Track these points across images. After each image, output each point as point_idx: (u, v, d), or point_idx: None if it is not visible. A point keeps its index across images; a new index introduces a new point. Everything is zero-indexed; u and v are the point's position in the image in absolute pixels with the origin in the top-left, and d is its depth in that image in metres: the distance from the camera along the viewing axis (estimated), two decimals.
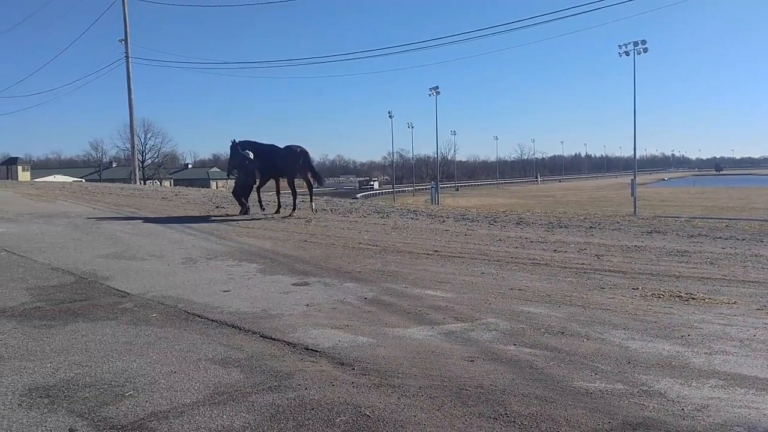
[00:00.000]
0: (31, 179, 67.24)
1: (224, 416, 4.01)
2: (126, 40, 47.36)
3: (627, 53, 68.13)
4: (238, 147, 16.81)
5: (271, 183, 17.76)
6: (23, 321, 6.38)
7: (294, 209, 17.04)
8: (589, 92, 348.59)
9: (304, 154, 16.56)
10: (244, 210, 16.85)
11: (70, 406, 4.20)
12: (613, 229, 14.10)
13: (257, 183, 17.22)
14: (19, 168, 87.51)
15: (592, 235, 13.15)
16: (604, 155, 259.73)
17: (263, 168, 16.91)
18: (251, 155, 16.63)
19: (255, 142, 17.04)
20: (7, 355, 5.28)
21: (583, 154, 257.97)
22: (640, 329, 6.12)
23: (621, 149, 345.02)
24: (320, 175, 17.82)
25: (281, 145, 16.93)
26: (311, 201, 17.41)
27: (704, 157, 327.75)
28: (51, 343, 5.60)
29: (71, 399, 4.31)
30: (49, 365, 5.01)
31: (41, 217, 15.71)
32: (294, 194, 17.32)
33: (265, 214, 16.63)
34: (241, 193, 17.19)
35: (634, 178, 64.00)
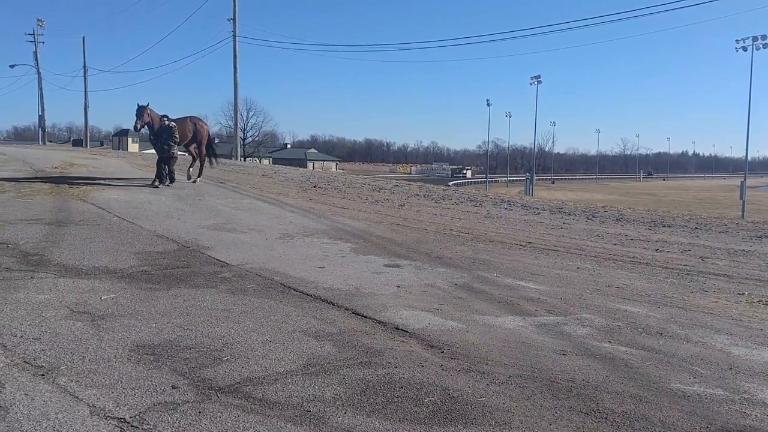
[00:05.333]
0: (139, 150, 70.83)
1: (316, 387, 4.12)
2: (234, 19, 48.74)
3: (744, 48, 63.97)
4: (148, 112, 16.90)
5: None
6: (131, 282, 6.77)
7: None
8: (699, 87, 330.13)
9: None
10: (167, 181, 17.07)
11: (173, 365, 4.42)
12: (719, 231, 13.41)
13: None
14: (129, 140, 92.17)
15: (697, 236, 12.55)
16: (712, 154, 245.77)
17: (179, 140, 17.80)
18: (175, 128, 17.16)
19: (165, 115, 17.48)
20: (118, 313, 5.62)
21: (690, 152, 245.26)
22: (745, 335, 5.82)
23: (731, 149, 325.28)
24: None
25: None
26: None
27: None
28: (156, 305, 5.92)
29: (174, 359, 4.55)
30: (154, 325, 5.30)
31: (148, 186, 16.52)
32: (203, 162, 18.90)
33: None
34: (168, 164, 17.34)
35: (744, 180, 60.32)
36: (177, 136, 17.01)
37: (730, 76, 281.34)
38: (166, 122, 16.85)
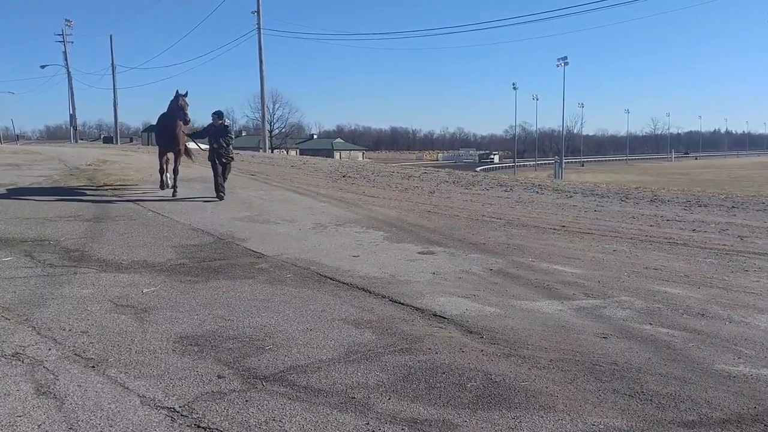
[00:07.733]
0: None
1: (359, 374, 4.16)
2: (258, 12, 48.89)
3: None
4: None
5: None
6: (171, 276, 6.88)
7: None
8: (731, 64, 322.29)
9: None
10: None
11: (217, 355, 4.50)
12: (757, 210, 13.15)
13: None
14: None
15: (734, 215, 12.33)
16: (746, 131, 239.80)
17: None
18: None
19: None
20: (160, 305, 5.72)
21: (722, 130, 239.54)
22: None
23: (765, 125, 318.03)
24: None
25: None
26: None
27: None
28: (196, 297, 6.01)
29: (217, 349, 4.62)
30: (196, 317, 5.39)
31: (180, 180, 16.66)
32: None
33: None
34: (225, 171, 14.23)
35: None
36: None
37: (763, 51, 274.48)
38: (220, 121, 13.97)
